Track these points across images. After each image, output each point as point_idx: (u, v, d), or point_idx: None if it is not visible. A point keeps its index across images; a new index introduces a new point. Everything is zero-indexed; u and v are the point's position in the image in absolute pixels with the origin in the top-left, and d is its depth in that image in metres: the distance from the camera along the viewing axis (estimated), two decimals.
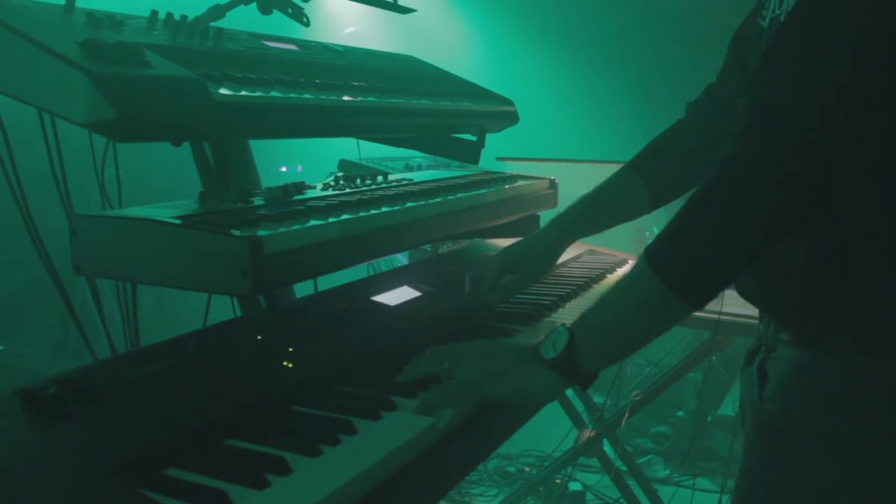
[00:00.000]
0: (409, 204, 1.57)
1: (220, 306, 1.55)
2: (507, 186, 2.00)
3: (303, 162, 5.71)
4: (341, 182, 1.72)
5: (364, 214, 1.41)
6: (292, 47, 1.75)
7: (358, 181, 1.76)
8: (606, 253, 2.36)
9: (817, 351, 1.17)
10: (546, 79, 5.26)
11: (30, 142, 1.45)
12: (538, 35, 5.74)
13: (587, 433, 3.11)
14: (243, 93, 1.31)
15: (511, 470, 3.85)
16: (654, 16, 4.79)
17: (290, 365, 1.22)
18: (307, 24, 1.90)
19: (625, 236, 4.82)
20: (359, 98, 1.60)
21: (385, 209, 1.48)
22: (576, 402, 3.26)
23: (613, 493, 3.42)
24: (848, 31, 0.99)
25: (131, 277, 1.34)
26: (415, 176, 1.99)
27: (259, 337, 1.29)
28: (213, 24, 1.68)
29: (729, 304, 2.46)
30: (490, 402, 1.20)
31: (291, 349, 1.26)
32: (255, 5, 1.82)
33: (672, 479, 3.85)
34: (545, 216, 2.15)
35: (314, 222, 1.29)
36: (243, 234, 1.11)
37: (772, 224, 1.05)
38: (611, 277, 2.07)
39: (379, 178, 1.81)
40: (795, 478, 1.19)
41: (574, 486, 3.54)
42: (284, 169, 5.65)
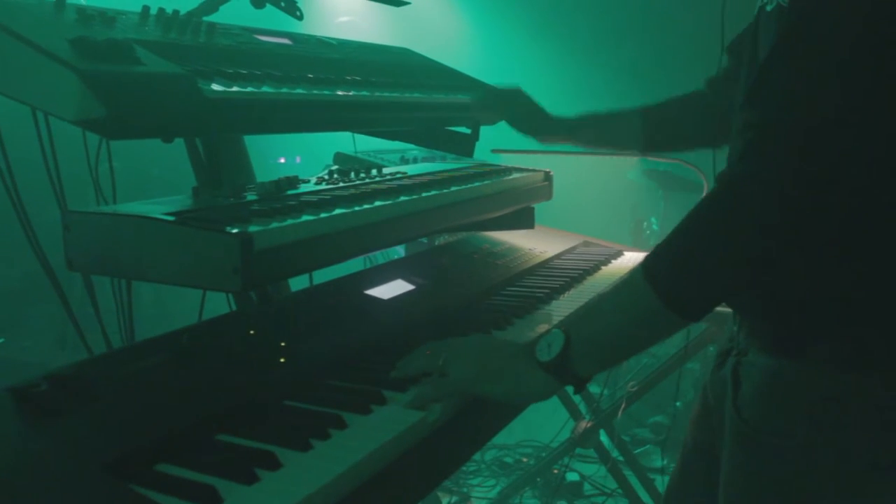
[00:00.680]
0: (403, 198, 1.56)
1: (217, 299, 1.56)
2: (502, 179, 2.00)
3: (301, 153, 5.72)
4: (335, 176, 1.72)
5: (357, 209, 1.40)
6: (285, 41, 1.75)
7: (352, 175, 1.76)
8: (601, 244, 2.37)
9: (793, 361, 1.18)
10: (541, 71, 5.25)
11: (26, 133, 1.45)
12: (534, 26, 5.72)
13: (584, 424, 3.12)
14: (234, 89, 1.31)
15: (509, 460, 3.87)
16: (651, 7, 4.79)
17: (283, 360, 1.23)
18: (300, 18, 1.90)
19: (623, 226, 4.84)
20: (352, 93, 1.60)
21: (378, 203, 1.47)
22: (571, 391, 3.27)
23: (611, 484, 3.43)
24: (841, 53, 0.99)
25: (124, 274, 1.35)
26: (409, 169, 1.99)
27: (252, 332, 1.30)
28: (206, 19, 1.68)
29: None
30: (483, 400, 1.21)
31: (284, 344, 1.27)
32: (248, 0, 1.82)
33: (669, 469, 3.85)
34: (540, 208, 2.16)
35: (306, 217, 1.29)
36: (233, 231, 1.12)
37: (768, 246, 1.05)
38: (605, 269, 2.08)
39: (373, 172, 1.81)
40: (778, 489, 1.20)
41: (571, 477, 3.56)
42: (282, 160, 5.65)
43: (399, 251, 2.70)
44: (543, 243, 2.19)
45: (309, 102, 1.47)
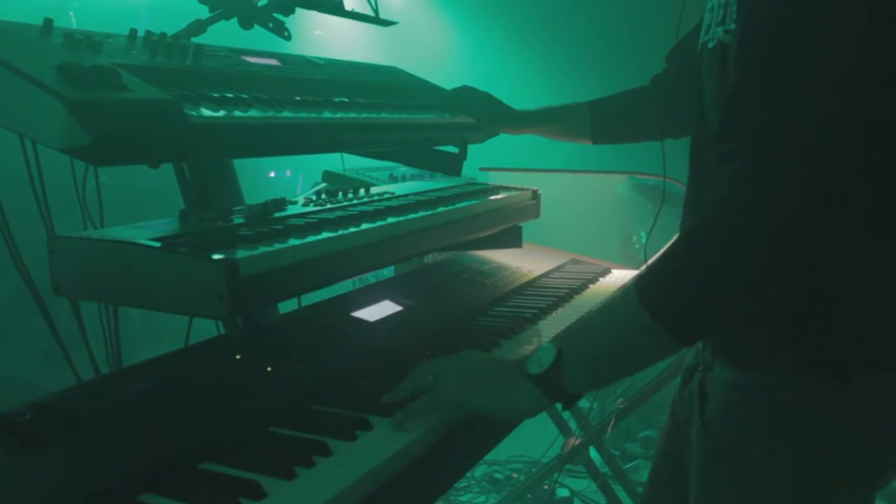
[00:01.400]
0: (391, 219, 1.57)
1: (206, 321, 1.55)
2: (490, 198, 2.01)
3: (291, 167, 5.72)
4: (323, 196, 1.73)
5: (344, 232, 1.41)
6: (273, 62, 1.76)
7: (340, 195, 1.76)
8: (590, 262, 2.37)
9: (755, 373, 1.20)
10: (529, 89, 5.27)
11: (13, 148, 1.44)
12: (522, 45, 5.75)
13: (573, 440, 3.12)
14: (221, 113, 1.31)
15: (499, 476, 3.86)
16: (640, 24, 4.81)
17: (268, 385, 1.23)
18: (288, 39, 1.91)
19: (612, 241, 4.85)
20: (339, 115, 1.60)
21: (365, 226, 1.48)
22: (561, 408, 3.26)
23: (601, 499, 3.43)
24: (823, 64, 0.99)
25: (110, 299, 1.35)
26: (398, 188, 2.00)
27: (238, 357, 1.30)
28: (194, 40, 1.68)
29: None
30: (473, 415, 1.21)
31: (270, 369, 1.27)
32: (236, 20, 1.82)
33: None
34: (528, 224, 2.16)
35: (293, 242, 1.29)
36: (219, 258, 1.12)
37: (765, 271, 1.05)
38: (593, 287, 2.08)
39: (361, 192, 1.82)
40: (746, 500, 1.21)
41: (562, 492, 3.56)
42: (273, 174, 5.65)
43: (388, 269, 2.70)
44: (531, 262, 2.19)
45: (296, 126, 1.48)
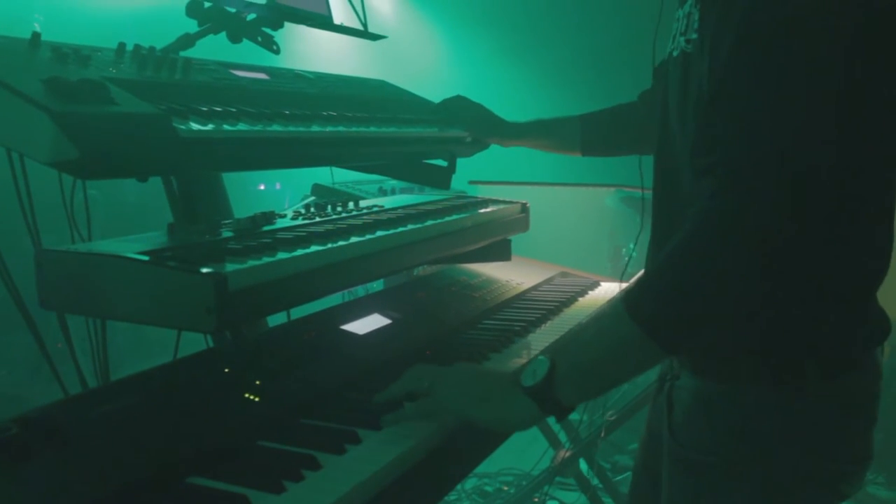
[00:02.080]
0: (379, 233, 1.57)
1: (195, 334, 1.54)
2: (479, 211, 2.02)
3: (281, 180, 5.72)
4: (311, 210, 1.73)
5: (333, 246, 1.41)
6: (262, 76, 1.76)
7: (329, 209, 1.76)
8: (578, 275, 2.38)
9: (718, 382, 1.23)
10: (518, 103, 5.29)
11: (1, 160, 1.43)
12: (511, 59, 5.78)
13: (563, 452, 3.12)
14: (209, 127, 1.31)
15: (489, 489, 3.85)
16: (630, 35, 4.83)
17: (256, 399, 1.23)
18: (277, 52, 1.92)
19: (601, 254, 4.86)
20: (328, 128, 1.60)
21: (354, 239, 1.48)
22: (551, 421, 3.26)
23: None
24: (792, 74, 1.00)
25: (98, 313, 1.34)
26: (387, 202, 2.00)
27: (226, 370, 1.29)
28: (183, 54, 1.68)
29: None
30: (461, 427, 1.21)
31: (258, 382, 1.26)
32: (225, 34, 1.83)
33: None
34: (517, 240, 2.17)
35: (282, 255, 1.29)
36: (207, 271, 1.12)
37: (745, 283, 1.06)
38: (582, 301, 2.09)
39: (350, 205, 1.82)
40: None
41: None
42: (262, 187, 5.65)
43: (377, 282, 2.70)
44: (520, 275, 2.20)
45: (285, 139, 1.48)
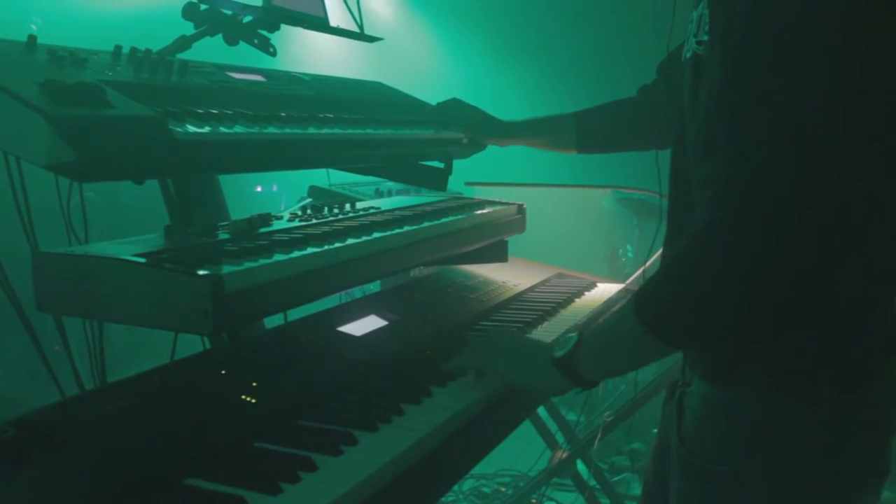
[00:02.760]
0: (376, 234, 1.57)
1: (192, 335, 1.55)
2: (476, 213, 2.02)
3: (278, 182, 5.71)
4: (308, 212, 1.73)
5: (329, 247, 1.41)
6: (258, 78, 1.76)
7: (325, 210, 1.77)
8: (575, 276, 2.38)
9: (724, 388, 1.22)
10: (515, 103, 5.30)
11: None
12: (508, 60, 5.78)
13: (561, 453, 3.13)
14: (206, 129, 1.31)
15: (487, 490, 3.85)
16: (627, 37, 4.85)
17: (253, 400, 1.23)
18: (273, 55, 1.92)
19: (598, 255, 4.87)
20: (324, 130, 1.61)
21: (351, 241, 1.48)
22: (549, 422, 3.27)
23: None
24: (799, 84, 1.00)
25: (95, 315, 1.34)
26: (383, 203, 2.00)
27: (223, 372, 1.30)
28: (179, 56, 1.69)
29: None
30: (461, 428, 1.28)
31: (255, 384, 1.27)
32: (222, 37, 1.83)
33: None
34: (514, 238, 2.17)
35: (278, 257, 1.30)
36: (204, 273, 1.12)
37: (746, 292, 1.07)
38: (579, 302, 2.09)
39: (347, 207, 1.82)
40: None
41: None
42: (259, 189, 5.64)
43: (374, 284, 2.70)
44: (517, 276, 2.20)
45: (281, 141, 1.48)
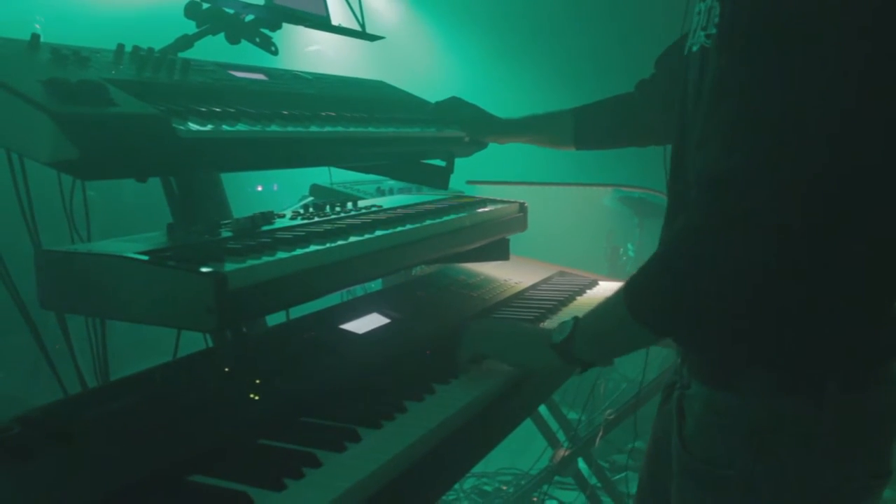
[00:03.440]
0: (378, 232, 1.57)
1: (194, 333, 1.55)
2: (478, 211, 2.02)
3: (278, 181, 5.72)
4: (310, 210, 1.73)
5: (332, 245, 1.41)
6: (260, 77, 1.76)
7: (327, 208, 1.77)
8: (577, 274, 2.38)
9: (729, 392, 1.21)
10: (516, 102, 5.31)
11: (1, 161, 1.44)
12: (509, 59, 5.78)
13: (562, 451, 3.13)
14: (208, 127, 1.31)
15: (488, 489, 3.85)
16: (631, 35, 4.85)
17: (256, 397, 1.23)
18: (275, 53, 1.92)
19: (599, 253, 4.87)
20: (326, 128, 1.61)
21: (353, 239, 1.49)
22: (550, 421, 3.28)
23: None
24: (796, 87, 1.00)
25: (98, 313, 1.35)
26: (385, 202, 2.01)
27: (226, 369, 1.30)
28: (181, 55, 1.69)
29: None
30: (464, 424, 1.29)
31: (258, 381, 1.27)
32: (223, 35, 1.83)
33: None
34: (515, 237, 2.18)
35: (281, 255, 1.30)
36: (207, 271, 1.12)
37: (732, 288, 1.09)
38: (580, 299, 2.09)
39: (349, 205, 1.83)
40: None
41: None
42: (260, 188, 5.65)
43: (376, 282, 2.70)
44: (519, 274, 2.21)
45: (283, 140, 1.48)
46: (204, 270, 1.13)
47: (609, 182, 4.31)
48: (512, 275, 2.19)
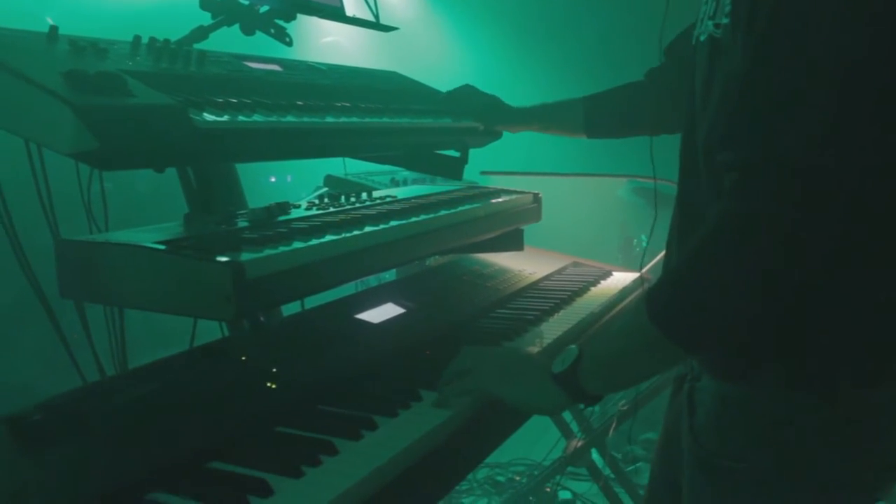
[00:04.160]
0: (393, 223, 1.58)
1: (209, 323, 1.56)
2: (492, 202, 2.02)
3: (292, 172, 5.73)
4: (325, 200, 1.74)
5: (347, 235, 1.42)
6: (275, 68, 1.77)
7: (342, 199, 1.78)
8: (590, 265, 2.39)
9: (741, 385, 1.20)
10: (529, 92, 5.31)
11: (20, 153, 1.45)
12: (522, 49, 5.77)
13: (575, 442, 3.13)
14: (225, 118, 1.32)
15: (501, 479, 3.86)
16: (643, 25, 4.83)
17: (274, 386, 1.24)
18: (290, 44, 1.93)
19: (612, 244, 4.86)
20: (341, 119, 1.61)
21: (368, 229, 1.49)
22: (564, 412, 3.28)
23: (603, 502, 3.43)
24: (825, 74, 0.98)
25: (116, 302, 1.36)
26: (399, 192, 2.01)
27: (243, 358, 1.31)
28: (197, 47, 1.70)
29: None
30: (478, 415, 1.26)
31: (275, 370, 1.28)
32: (238, 27, 1.84)
33: None
34: (530, 227, 2.18)
35: (297, 245, 1.31)
36: (225, 260, 1.13)
37: (764, 288, 1.05)
38: (594, 290, 2.10)
39: (363, 196, 1.83)
40: None
41: (564, 495, 3.57)
42: (273, 179, 5.66)
43: (389, 273, 2.71)
44: (533, 264, 2.21)
45: (299, 130, 1.49)
46: (222, 259, 1.14)
47: (624, 173, 4.29)
48: (526, 265, 2.19)
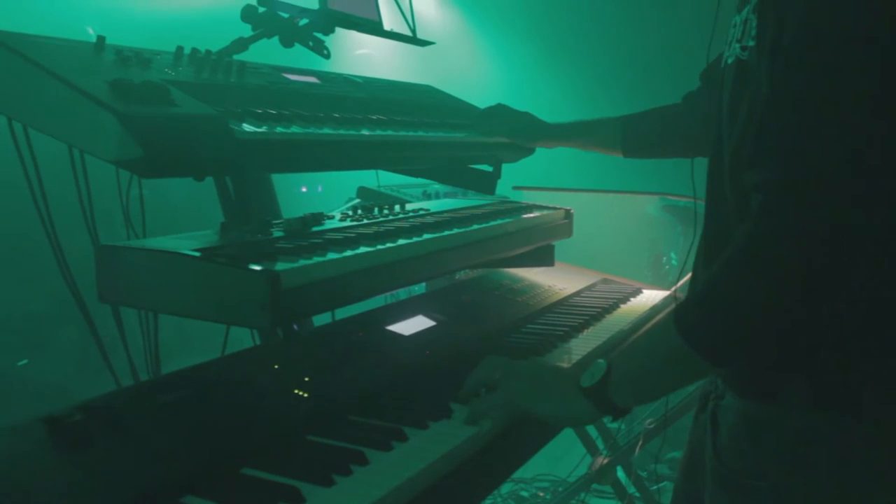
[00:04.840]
0: (427, 236, 1.59)
1: (239, 331, 1.58)
2: (523, 217, 2.03)
3: (323, 183, 5.78)
4: (359, 212, 1.76)
5: (381, 247, 1.43)
6: (313, 80, 1.80)
7: (375, 211, 1.79)
8: (620, 282, 2.38)
9: (764, 404, 1.19)
10: (563, 108, 5.31)
11: (62, 160, 1.48)
12: (555, 65, 5.78)
13: (601, 459, 3.11)
14: (264, 129, 1.35)
15: (525, 494, 3.85)
16: (672, 43, 4.82)
17: (306, 395, 1.26)
18: (327, 57, 1.95)
19: (642, 261, 4.84)
20: (377, 132, 1.63)
21: (402, 241, 1.50)
22: (590, 428, 3.27)
23: None
24: (852, 95, 0.98)
25: (153, 307, 1.38)
26: (432, 205, 2.02)
27: (276, 366, 1.32)
28: (237, 58, 1.73)
29: None
30: (510, 426, 1.27)
31: (307, 379, 1.29)
32: (278, 39, 1.87)
33: None
34: (560, 243, 2.18)
35: (332, 255, 1.32)
36: (261, 269, 1.15)
37: (793, 305, 1.04)
38: (624, 307, 2.09)
39: (396, 208, 1.85)
40: None
41: None
42: (304, 189, 5.71)
43: (421, 285, 2.72)
44: (563, 280, 2.21)
45: (335, 142, 1.51)
46: (258, 268, 1.15)
47: (654, 190, 4.28)
48: (555, 281, 2.19)
